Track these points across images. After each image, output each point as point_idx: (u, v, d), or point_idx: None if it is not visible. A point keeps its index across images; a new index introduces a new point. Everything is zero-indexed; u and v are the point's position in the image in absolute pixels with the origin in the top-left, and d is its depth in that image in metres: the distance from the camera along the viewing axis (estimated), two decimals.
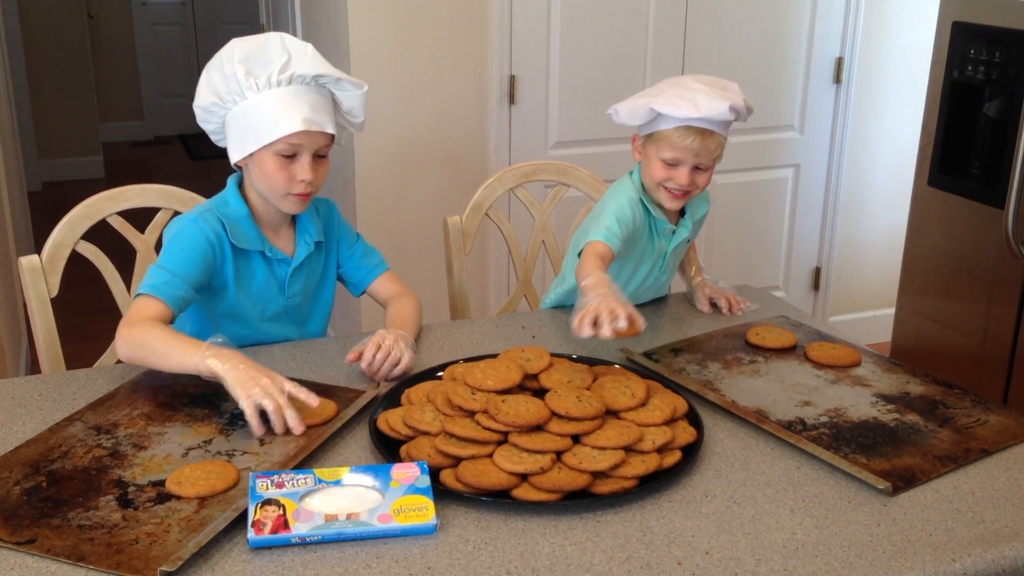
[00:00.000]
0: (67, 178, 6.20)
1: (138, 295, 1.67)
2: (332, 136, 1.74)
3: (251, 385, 1.48)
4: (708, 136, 1.82)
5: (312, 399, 1.48)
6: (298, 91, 1.69)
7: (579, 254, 1.80)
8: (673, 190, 1.87)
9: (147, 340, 1.60)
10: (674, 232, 1.97)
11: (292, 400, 1.48)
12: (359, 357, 1.67)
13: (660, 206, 1.92)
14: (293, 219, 1.85)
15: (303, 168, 1.71)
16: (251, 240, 1.77)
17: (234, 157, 1.75)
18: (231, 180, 1.81)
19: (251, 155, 1.72)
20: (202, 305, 1.77)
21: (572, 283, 2.02)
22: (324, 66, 1.71)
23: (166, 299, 1.65)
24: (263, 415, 1.47)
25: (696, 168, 1.85)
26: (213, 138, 1.81)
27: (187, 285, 1.68)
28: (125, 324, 1.63)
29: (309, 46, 1.72)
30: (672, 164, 1.84)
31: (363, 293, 1.98)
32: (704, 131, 1.81)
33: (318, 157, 1.73)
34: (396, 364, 1.67)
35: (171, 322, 1.66)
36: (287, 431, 1.46)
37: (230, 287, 1.77)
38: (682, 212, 2.00)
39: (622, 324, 1.52)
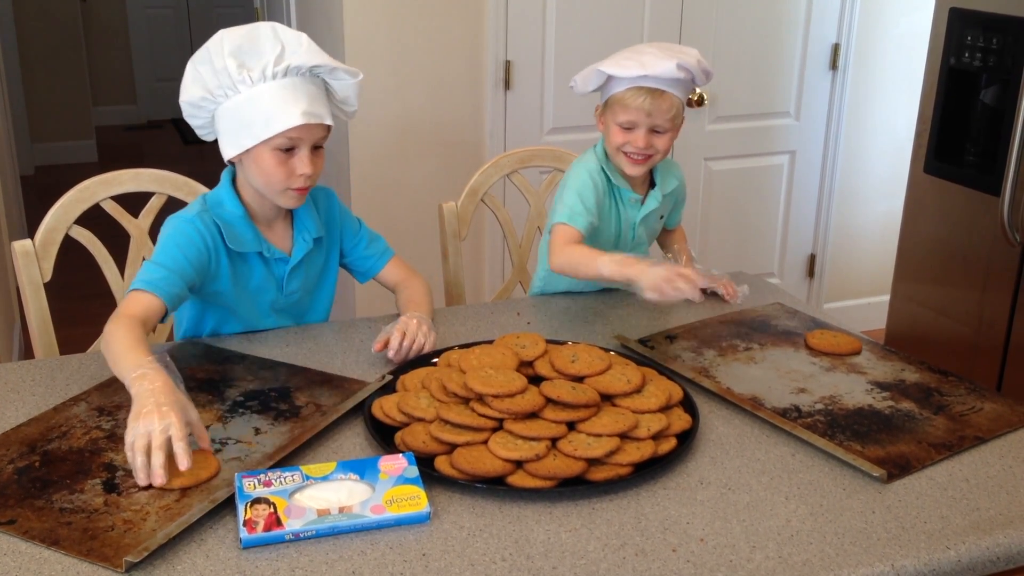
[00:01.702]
0: (60, 162, 6.18)
1: (131, 290, 1.62)
2: (329, 127, 1.69)
3: (138, 424, 1.32)
4: (659, 96, 1.83)
5: (184, 461, 1.29)
6: (294, 83, 1.64)
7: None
8: (632, 155, 1.88)
9: (111, 340, 1.51)
10: (642, 203, 1.96)
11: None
12: (385, 346, 1.68)
13: (624, 174, 1.93)
14: (289, 214, 1.81)
15: (302, 162, 1.66)
16: (247, 242, 1.73)
17: (228, 153, 1.70)
18: (225, 176, 1.76)
19: (246, 151, 1.67)
20: (199, 302, 1.75)
21: (546, 268, 2.01)
22: (320, 56, 1.66)
23: (161, 294, 1.60)
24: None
25: (653, 131, 1.86)
26: (200, 132, 1.75)
27: (183, 282, 1.64)
28: (111, 319, 1.57)
29: (303, 36, 1.67)
30: (628, 128, 1.86)
31: (370, 280, 1.98)
32: (655, 91, 1.82)
33: (314, 149, 1.69)
34: (421, 350, 1.69)
35: (164, 317, 1.63)
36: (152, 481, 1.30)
37: (227, 289, 1.74)
38: (652, 184, 1.99)
39: (687, 289, 1.63)
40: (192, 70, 1.67)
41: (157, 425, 1.30)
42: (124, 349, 1.47)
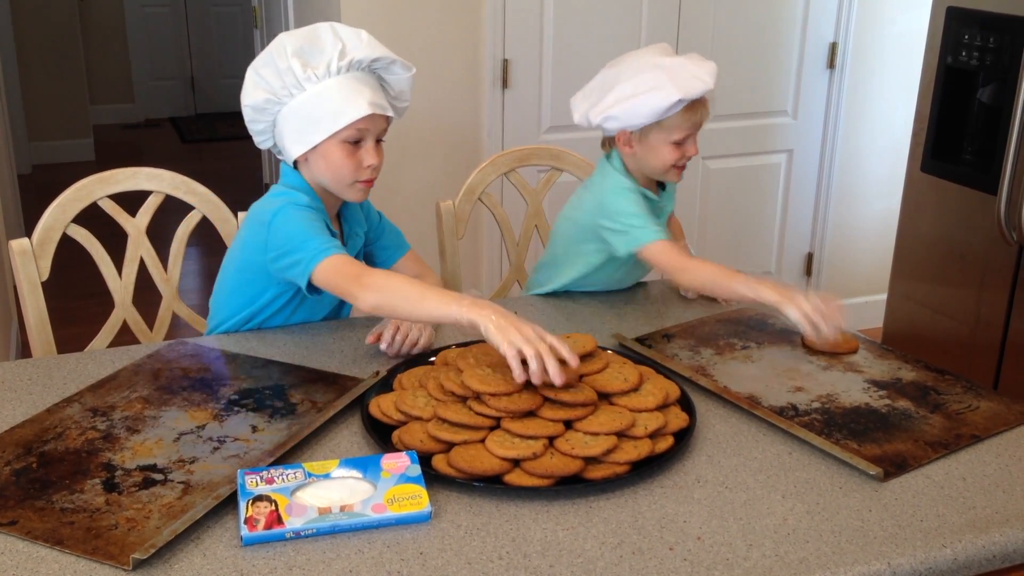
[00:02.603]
0: (57, 161, 6.17)
1: (321, 260, 1.60)
2: (389, 120, 1.73)
3: (512, 332, 1.41)
4: (705, 104, 1.86)
5: (573, 359, 1.42)
6: (357, 77, 1.68)
7: (634, 257, 1.86)
8: (682, 166, 1.90)
9: (394, 288, 1.56)
10: (663, 206, 1.99)
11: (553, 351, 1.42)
12: (379, 339, 1.69)
13: (649, 185, 1.94)
14: (339, 211, 1.84)
15: (369, 153, 1.70)
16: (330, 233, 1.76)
17: (295, 152, 1.71)
18: (289, 172, 1.76)
19: (313, 148, 1.69)
20: (273, 286, 1.76)
21: (570, 278, 2.00)
22: (380, 49, 1.71)
23: (344, 251, 1.62)
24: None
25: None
26: (258, 139, 1.77)
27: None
28: (355, 278, 1.57)
29: (363, 32, 1.71)
30: (681, 142, 1.86)
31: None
32: (703, 101, 1.85)
33: (377, 142, 1.72)
34: (415, 344, 1.69)
35: None
36: (545, 381, 1.40)
37: None
38: (662, 185, 2.01)
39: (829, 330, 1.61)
40: (254, 75, 1.70)
41: (531, 334, 1.41)
42: (421, 291, 1.55)
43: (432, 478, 1.31)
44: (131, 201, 1.96)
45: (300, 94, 1.67)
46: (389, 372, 1.60)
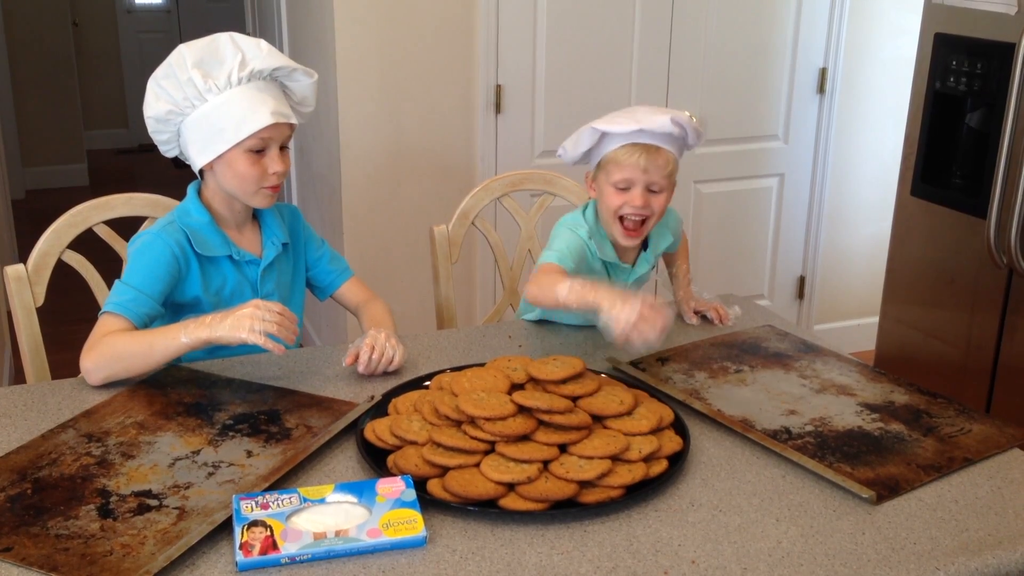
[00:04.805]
0: (51, 186, 6.18)
1: (103, 313, 1.68)
2: (293, 127, 1.77)
3: (243, 321, 1.58)
4: (655, 152, 1.78)
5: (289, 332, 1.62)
6: (258, 86, 1.72)
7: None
8: (628, 220, 1.82)
9: (118, 349, 1.62)
10: (632, 269, 1.94)
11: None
12: (356, 360, 1.71)
13: (615, 245, 1.88)
14: (256, 220, 1.87)
15: (273, 160, 1.74)
16: (216, 246, 1.78)
17: (200, 162, 1.75)
18: (191, 189, 1.82)
19: (219, 157, 1.73)
20: (176, 318, 1.77)
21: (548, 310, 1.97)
22: (280, 59, 1.74)
23: (131, 316, 1.66)
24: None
25: (649, 190, 1.80)
26: (163, 148, 1.81)
27: (152, 301, 1.69)
28: (87, 348, 1.63)
29: (262, 41, 1.75)
30: (624, 188, 1.80)
31: (329, 297, 2.01)
32: (650, 147, 1.78)
33: (281, 149, 1.77)
34: (391, 362, 1.72)
35: None
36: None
37: (201, 297, 1.77)
38: (644, 247, 1.95)
39: (652, 337, 1.54)
40: (155, 86, 1.74)
41: (256, 312, 1.60)
42: (146, 338, 1.63)
43: (427, 502, 1.32)
44: (126, 227, 1.97)
45: (202, 105, 1.71)
46: (384, 396, 1.61)
